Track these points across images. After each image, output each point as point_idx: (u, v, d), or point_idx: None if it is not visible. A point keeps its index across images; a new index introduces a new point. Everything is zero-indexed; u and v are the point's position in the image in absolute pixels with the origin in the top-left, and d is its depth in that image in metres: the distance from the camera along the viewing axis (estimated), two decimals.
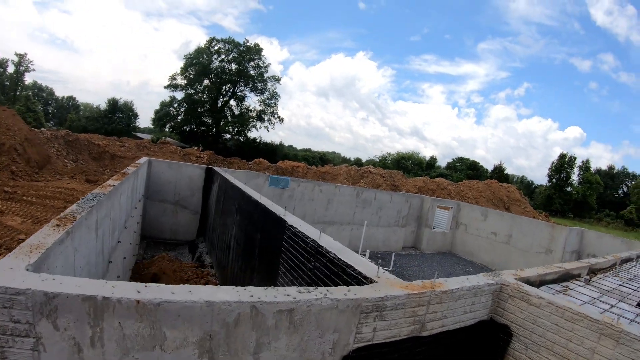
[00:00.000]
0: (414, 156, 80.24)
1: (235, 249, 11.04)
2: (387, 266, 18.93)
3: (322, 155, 79.02)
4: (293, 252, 6.67)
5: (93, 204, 5.62)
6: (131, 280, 11.29)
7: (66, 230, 4.18)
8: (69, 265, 4.35)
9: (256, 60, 58.69)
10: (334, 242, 6.01)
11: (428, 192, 34.35)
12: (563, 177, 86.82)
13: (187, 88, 57.05)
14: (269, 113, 61.18)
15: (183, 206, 18.11)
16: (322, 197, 20.71)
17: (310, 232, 6.43)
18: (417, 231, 25.63)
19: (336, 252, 5.40)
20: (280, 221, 7.53)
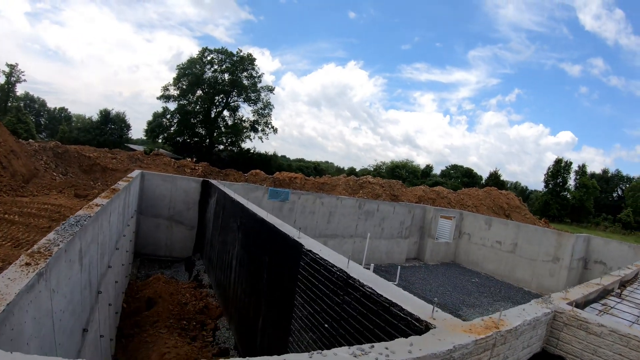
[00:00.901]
0: (409, 165, 79.95)
1: (237, 270, 10.11)
2: (392, 279, 18.12)
3: (316, 165, 78.30)
4: (313, 281, 5.68)
5: (75, 231, 4.72)
6: (125, 304, 10.38)
7: (37, 271, 3.28)
8: (43, 315, 3.45)
9: (249, 70, 58.02)
10: (366, 271, 5.07)
11: (428, 201, 33.58)
12: (559, 182, 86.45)
13: (179, 99, 56.26)
14: (262, 123, 60.43)
15: (178, 221, 17.28)
16: (324, 210, 19.90)
17: (335, 259, 5.48)
18: (420, 242, 24.84)
19: (373, 286, 4.44)
20: (295, 245, 6.54)
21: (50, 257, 3.68)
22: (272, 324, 7.36)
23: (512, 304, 17.35)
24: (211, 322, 10.33)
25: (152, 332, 9.04)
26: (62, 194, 14.14)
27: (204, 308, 10.93)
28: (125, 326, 9.39)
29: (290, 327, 6.29)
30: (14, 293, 2.79)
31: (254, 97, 59.11)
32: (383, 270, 20.15)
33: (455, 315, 13.76)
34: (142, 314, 9.94)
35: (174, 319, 9.81)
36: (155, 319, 9.65)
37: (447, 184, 62.17)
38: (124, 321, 9.63)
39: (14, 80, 67.97)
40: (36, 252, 3.73)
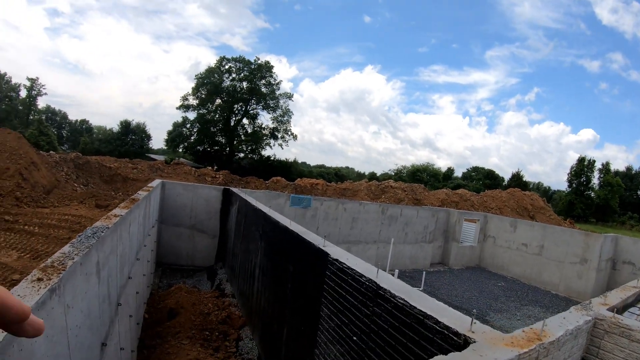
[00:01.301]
0: (429, 168, 79.17)
1: (260, 279, 9.89)
2: (417, 285, 17.78)
3: (337, 171, 78.13)
4: (340, 291, 5.42)
5: (92, 243, 4.57)
6: (146, 315, 10.26)
7: (49, 287, 3.11)
8: (57, 332, 3.29)
9: (267, 77, 58.15)
10: (397, 281, 4.80)
11: (451, 204, 33.09)
12: (583, 181, 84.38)
13: (199, 108, 56.66)
14: (282, 130, 60.47)
15: (200, 230, 17.20)
16: (347, 216, 19.65)
17: (364, 269, 5.20)
18: (445, 246, 24.39)
19: (405, 297, 4.15)
20: (320, 254, 6.28)
21: (64, 271, 3.53)
22: (297, 336, 7.13)
23: (540, 308, 16.91)
24: (234, 332, 10.15)
25: (174, 343, 8.90)
26: (83, 204, 14.17)
27: (227, 318, 10.75)
28: (146, 337, 9.27)
29: (316, 339, 6.05)
30: None
31: (272, 105, 59.23)
32: (407, 275, 19.81)
33: (483, 321, 13.37)
34: (164, 325, 9.81)
35: (196, 329, 9.65)
36: (177, 329, 9.51)
37: (469, 187, 61.38)
38: (145, 332, 9.51)
39: (35, 94, 69.67)
40: (49, 266, 3.58)
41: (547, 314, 16.12)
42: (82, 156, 21.67)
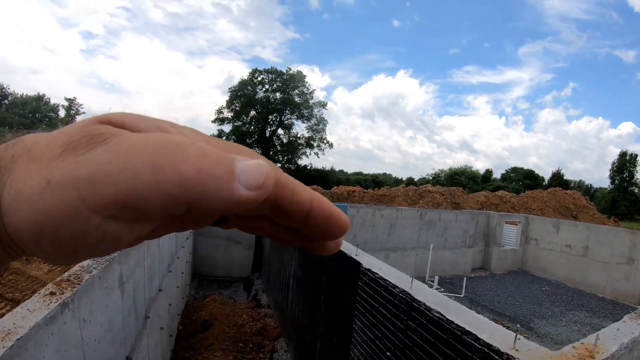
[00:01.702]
0: (468, 170, 77.67)
1: (295, 290, 9.77)
2: (458, 292, 17.36)
3: (374, 178, 77.53)
4: (373, 303, 5.18)
5: (114, 257, 4.56)
6: (180, 327, 10.29)
7: (60, 301, 3.08)
8: (70, 347, 3.24)
9: (300, 87, 58.35)
10: (433, 292, 4.50)
11: (491, 207, 32.26)
12: (626, 177, 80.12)
13: (234, 120, 57.41)
14: (317, 139, 60.47)
15: (236, 241, 17.24)
16: (384, 222, 19.35)
17: (397, 279, 4.94)
18: (485, 250, 23.68)
19: (442, 310, 3.85)
20: (352, 263, 6.06)
21: (79, 285, 3.50)
22: (330, 348, 6.96)
23: (586, 312, 16.19)
24: (269, 343, 10.05)
25: (206, 355, 8.87)
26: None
27: (262, 329, 10.67)
28: (180, 349, 9.27)
29: (349, 352, 5.86)
30: (29, 327, 2.58)
31: (307, 114, 59.36)
32: (448, 282, 19.35)
33: (527, 329, 12.88)
34: (198, 337, 9.80)
35: (230, 341, 9.60)
36: (210, 341, 9.49)
37: (508, 188, 59.82)
38: (179, 343, 9.53)
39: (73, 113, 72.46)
40: (65, 280, 3.56)
41: (593, 318, 15.45)
42: None
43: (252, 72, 58.61)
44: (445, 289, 17.98)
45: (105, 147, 0.37)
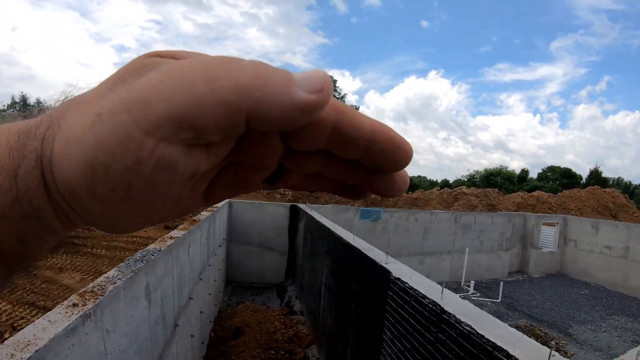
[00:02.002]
0: (503, 171, 76.14)
1: (326, 297, 9.72)
2: (494, 296, 17.03)
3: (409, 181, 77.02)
4: (403, 313, 5.03)
5: (139, 267, 4.62)
6: (212, 333, 10.38)
7: (82, 312, 3.13)
8: (93, 357, 3.30)
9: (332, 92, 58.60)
10: (464, 303, 4.24)
11: (528, 208, 31.56)
12: None
13: None
14: None
15: (269, 247, 17.34)
16: (418, 227, 19.17)
17: (427, 289, 4.74)
18: (523, 253, 23.17)
19: (472, 323, 3.63)
20: (381, 271, 5.89)
21: (102, 296, 3.56)
22: (360, 358, 6.89)
23: (627, 317, 15.64)
24: (301, 351, 10.03)
25: None
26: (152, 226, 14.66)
27: (294, 336, 10.67)
28: (211, 355, 9.36)
29: None
30: (48, 338, 2.63)
31: None
32: (484, 286, 19.00)
33: (566, 335, 12.53)
34: (229, 344, 9.87)
35: (261, 348, 9.64)
36: (241, 348, 9.54)
37: (545, 188, 58.25)
38: (211, 350, 9.62)
39: None
40: (89, 291, 3.62)
41: (635, 323, 14.89)
42: None
43: None
44: (482, 293, 17.66)
45: (157, 70, 0.36)
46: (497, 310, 15.53)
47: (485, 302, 16.41)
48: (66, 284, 8.20)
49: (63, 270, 9.39)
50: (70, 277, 8.83)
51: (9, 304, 6.78)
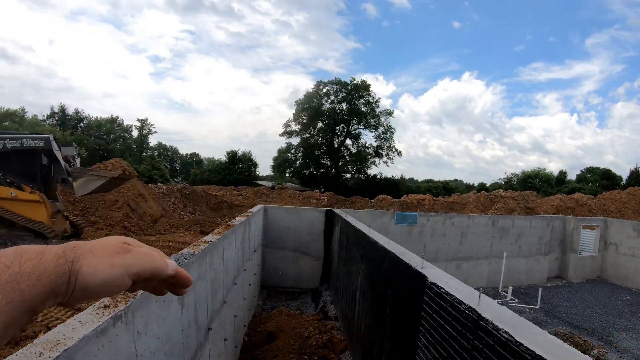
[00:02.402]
0: (541, 173, 74.36)
1: (361, 303, 9.61)
2: (532, 303, 16.59)
3: (445, 185, 75.77)
4: (438, 319, 4.84)
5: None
6: (246, 338, 10.43)
7: (113, 314, 3.17)
8: (123, 357, 3.34)
9: (365, 96, 58.29)
10: (502, 309, 4.03)
11: (567, 210, 30.74)
12: None
13: (301, 133, 58.31)
14: (386, 147, 60.20)
15: (304, 252, 17.36)
16: (455, 231, 18.86)
17: (464, 294, 4.51)
18: (562, 257, 22.42)
19: (511, 330, 3.39)
20: (417, 276, 5.70)
21: (134, 298, 3.60)
22: None
23: None
24: (334, 356, 9.96)
25: None
26: (188, 231, 14.97)
27: (328, 342, 10.61)
28: (245, 359, 9.40)
29: None
30: (77, 338, 2.67)
31: (374, 123, 59.23)
32: (522, 292, 18.51)
33: (606, 343, 12.09)
34: (262, 348, 9.89)
35: (295, 353, 9.62)
36: (275, 353, 9.54)
37: (584, 189, 56.48)
38: (244, 354, 9.66)
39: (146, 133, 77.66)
40: (121, 293, 3.68)
41: None
42: (189, 186, 23.13)
43: (316, 84, 59.55)
44: (520, 299, 17.21)
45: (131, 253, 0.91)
46: (535, 317, 15.10)
47: (524, 309, 15.98)
48: None
49: None
50: None
51: None
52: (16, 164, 11.97)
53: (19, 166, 11.99)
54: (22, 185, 11.93)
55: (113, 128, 77.59)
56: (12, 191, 11.74)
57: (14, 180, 11.95)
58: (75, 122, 74.21)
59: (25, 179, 12.00)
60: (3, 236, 11.39)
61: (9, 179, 11.96)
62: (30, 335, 5.68)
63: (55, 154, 11.85)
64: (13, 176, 11.99)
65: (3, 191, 11.77)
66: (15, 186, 11.91)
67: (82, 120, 75.82)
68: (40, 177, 12.05)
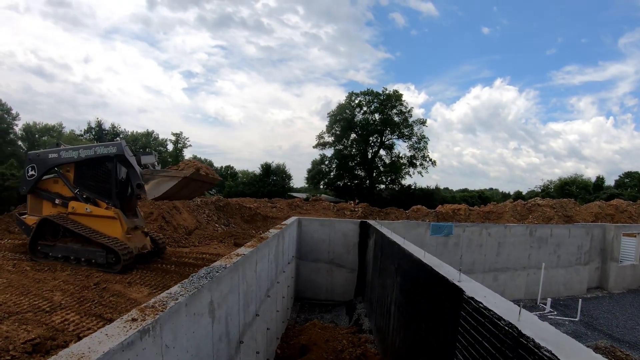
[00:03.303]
0: (578, 179, 72.13)
1: (396, 316, 9.41)
2: (572, 315, 16.04)
3: (481, 194, 74.41)
4: (476, 335, 4.64)
5: (203, 283, 4.66)
6: (279, 350, 10.35)
7: (140, 327, 3.16)
8: None
9: (398, 106, 58.02)
10: (544, 325, 3.81)
11: (606, 218, 29.74)
12: None
13: (335, 144, 58.34)
14: (419, 157, 59.62)
15: (338, 265, 17.24)
16: (492, 241, 18.44)
17: (503, 309, 4.29)
18: (602, 267, 21.63)
19: (553, 349, 3.19)
20: (453, 290, 5.50)
21: (162, 312, 3.59)
22: None
23: None
24: None
25: None
26: (222, 243, 15.09)
27: (361, 355, 10.44)
28: None
29: None
30: (102, 351, 2.66)
31: (407, 133, 58.84)
32: (561, 304, 17.91)
33: None
34: None
35: None
36: None
37: (623, 195, 54.43)
38: None
39: (180, 147, 78.84)
40: (150, 306, 3.67)
41: None
42: (223, 198, 23.36)
43: (349, 95, 59.55)
44: (559, 311, 16.66)
45: None
46: (575, 330, 14.57)
47: (563, 321, 15.45)
48: (134, 298, 8.48)
49: (132, 284, 9.75)
50: (138, 291, 9.14)
51: (77, 315, 7.10)
52: (92, 180, 12.42)
53: (95, 182, 12.40)
54: (98, 201, 12.18)
55: (148, 142, 79.43)
56: (88, 207, 12.01)
57: (89, 197, 12.25)
58: (112, 137, 76.09)
59: (101, 195, 12.26)
60: (77, 251, 11.58)
61: (85, 195, 12.25)
62: (61, 344, 5.76)
63: (129, 160, 11.95)
64: (90, 192, 12.32)
65: (79, 207, 12.07)
66: (91, 202, 12.18)
67: (119, 134, 77.73)
68: (117, 193, 12.24)
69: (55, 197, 12.57)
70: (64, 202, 12.36)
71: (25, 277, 9.09)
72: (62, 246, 11.82)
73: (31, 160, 12.66)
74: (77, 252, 11.60)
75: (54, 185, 12.81)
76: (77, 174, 12.50)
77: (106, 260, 11.11)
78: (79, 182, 12.45)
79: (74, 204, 12.17)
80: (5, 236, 15.10)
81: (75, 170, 12.50)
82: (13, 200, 28.23)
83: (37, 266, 10.80)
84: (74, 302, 7.76)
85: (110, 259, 11.09)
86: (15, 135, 53.86)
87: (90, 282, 9.28)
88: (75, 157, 12.15)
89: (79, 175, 12.49)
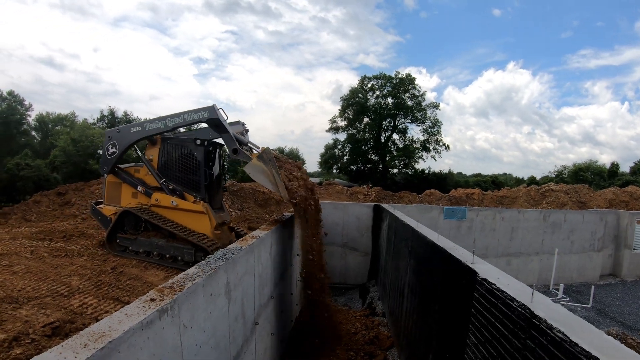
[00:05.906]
0: (593, 165, 71.07)
1: (409, 299, 9.42)
2: (584, 301, 15.95)
3: (494, 179, 73.78)
4: (489, 317, 4.68)
5: (219, 265, 4.71)
6: (293, 333, 10.42)
7: (159, 307, 3.20)
8: (168, 351, 3.37)
9: (411, 90, 57.38)
10: (556, 307, 3.82)
11: (620, 204, 29.32)
12: None
13: (348, 129, 57.91)
14: (433, 142, 58.98)
15: (352, 248, 17.30)
16: (505, 226, 18.35)
17: (516, 290, 4.30)
18: (616, 254, 21.42)
19: (565, 329, 3.19)
20: (467, 272, 5.52)
21: (180, 292, 3.63)
22: None
23: None
24: (381, 353, 9.85)
25: None
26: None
27: (375, 338, 10.51)
28: (289, 355, 9.43)
29: None
30: (123, 330, 2.71)
31: (420, 117, 58.18)
32: (574, 290, 17.82)
33: None
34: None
35: (341, 349, 9.59)
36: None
37: (638, 182, 53.87)
38: (290, 349, 9.69)
39: None
40: (167, 287, 3.72)
41: None
42: (236, 183, 23.33)
43: (361, 79, 58.86)
44: (571, 298, 16.58)
45: None
46: (587, 317, 14.45)
47: (575, 308, 15.35)
48: (150, 281, 8.58)
49: (148, 267, 9.84)
50: (155, 274, 9.24)
51: (95, 299, 7.19)
52: (180, 171, 11.35)
53: (183, 174, 11.35)
54: (185, 194, 11.21)
55: None
56: (174, 200, 11.03)
57: (176, 189, 11.26)
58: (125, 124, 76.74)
59: (189, 187, 11.27)
60: (161, 247, 10.70)
61: (171, 186, 11.28)
62: (80, 327, 5.85)
63: (224, 124, 10.58)
64: (177, 184, 11.31)
65: (164, 199, 11.12)
66: (178, 195, 11.19)
67: (132, 122, 78.43)
68: (206, 186, 11.23)
69: (138, 184, 11.59)
70: (147, 191, 11.41)
71: (43, 263, 9.16)
72: (144, 240, 10.90)
73: (110, 137, 11.65)
74: (162, 247, 10.69)
75: (135, 173, 11.85)
76: (161, 161, 11.51)
77: (194, 258, 10.11)
78: (163, 172, 11.43)
79: (158, 195, 11.20)
80: (22, 224, 15.23)
81: (160, 158, 11.51)
82: (29, 189, 28.55)
83: (55, 252, 10.50)
84: (92, 287, 7.84)
85: (200, 257, 9.92)
86: (29, 126, 54.23)
87: (107, 267, 9.30)
88: (162, 127, 10.96)
89: (164, 165, 11.49)
